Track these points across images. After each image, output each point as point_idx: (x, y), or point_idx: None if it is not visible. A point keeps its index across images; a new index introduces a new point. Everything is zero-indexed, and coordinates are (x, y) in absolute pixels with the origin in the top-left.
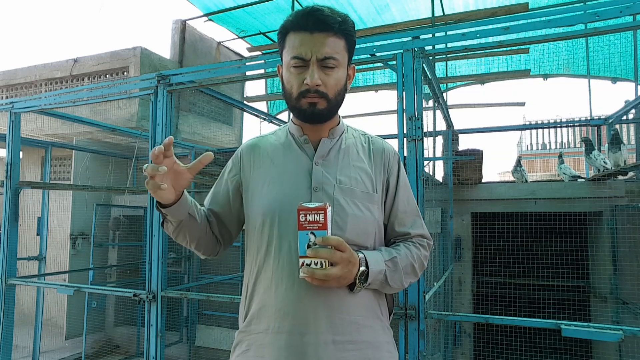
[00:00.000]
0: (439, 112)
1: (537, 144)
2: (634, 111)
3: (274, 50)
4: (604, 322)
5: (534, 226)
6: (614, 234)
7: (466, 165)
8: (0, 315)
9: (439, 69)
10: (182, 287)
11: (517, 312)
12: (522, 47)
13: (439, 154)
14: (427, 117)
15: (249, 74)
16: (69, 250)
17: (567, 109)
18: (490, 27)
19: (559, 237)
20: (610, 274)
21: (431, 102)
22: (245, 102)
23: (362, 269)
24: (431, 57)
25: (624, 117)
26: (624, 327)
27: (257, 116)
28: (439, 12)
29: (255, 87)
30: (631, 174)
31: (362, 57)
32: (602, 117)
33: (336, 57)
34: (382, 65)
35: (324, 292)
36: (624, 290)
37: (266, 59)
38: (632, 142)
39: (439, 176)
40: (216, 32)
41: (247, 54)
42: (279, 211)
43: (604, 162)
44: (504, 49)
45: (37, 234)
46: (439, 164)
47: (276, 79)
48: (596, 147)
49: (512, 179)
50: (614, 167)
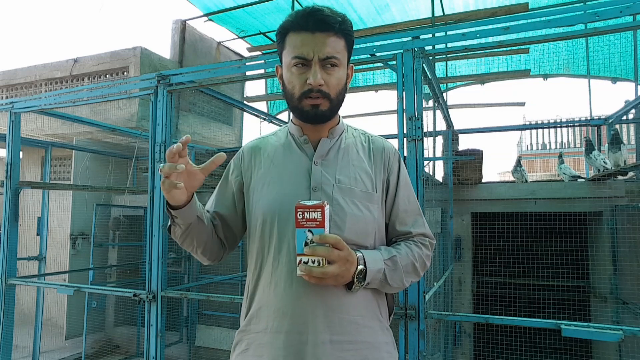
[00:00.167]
0: (439, 112)
1: (537, 144)
2: (634, 111)
3: (274, 50)
4: (604, 322)
5: (534, 226)
6: (614, 234)
7: (466, 165)
8: (0, 315)
9: (439, 69)
10: (182, 287)
11: (517, 312)
12: (522, 47)
13: (439, 154)
14: (427, 117)
15: (249, 74)
16: (69, 250)
17: (567, 109)
18: (490, 27)
19: (559, 237)
20: (610, 274)
21: (431, 102)
22: (245, 102)
23: (360, 267)
24: (431, 57)
25: (624, 117)
26: (624, 327)
27: (257, 116)
28: (439, 12)
29: (255, 87)
30: (631, 174)
31: (362, 57)
32: (602, 117)
33: (337, 57)
34: (382, 65)
35: (322, 292)
36: (624, 290)
37: (266, 59)
38: (632, 142)
39: (439, 176)
40: (216, 32)
41: (247, 54)
42: (278, 211)
43: (604, 162)
44: (504, 49)
45: (37, 234)
46: (439, 164)
47: (276, 79)
48: (596, 147)
49: (512, 179)
50: (614, 167)
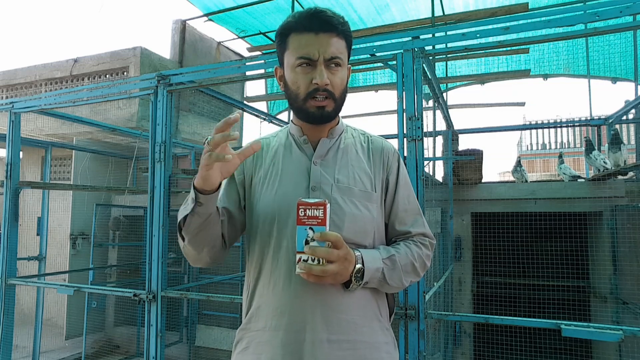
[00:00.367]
0: (439, 112)
1: (537, 144)
2: (634, 111)
3: (274, 50)
4: (604, 322)
5: (534, 226)
6: (614, 234)
7: (466, 165)
8: (0, 315)
9: (439, 69)
10: (182, 287)
11: (517, 312)
12: (522, 47)
13: (439, 154)
14: (427, 117)
15: (249, 74)
16: (69, 250)
17: (567, 109)
18: (490, 27)
19: (559, 237)
20: (610, 274)
21: (431, 102)
22: (245, 102)
23: (358, 266)
24: (431, 57)
25: (624, 117)
26: (624, 327)
27: (257, 116)
28: (439, 12)
29: (255, 87)
30: (631, 174)
31: (362, 57)
32: (602, 117)
33: (341, 57)
34: (382, 65)
35: (321, 291)
36: (624, 290)
37: (266, 59)
38: (632, 142)
39: (439, 176)
40: (216, 32)
41: (247, 54)
42: (277, 210)
43: (604, 162)
44: (504, 49)
45: (37, 234)
46: (439, 164)
47: (276, 79)
48: (596, 147)
49: (512, 179)
50: (614, 167)
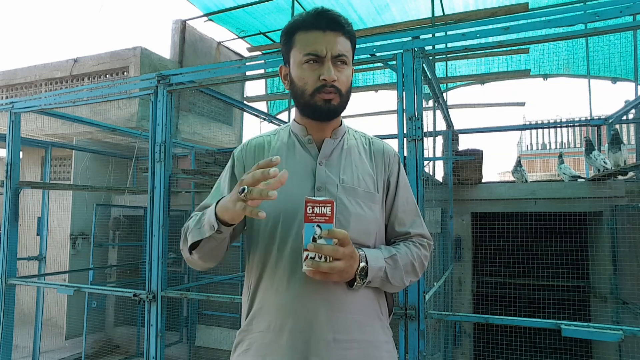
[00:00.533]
0: (439, 112)
1: (537, 144)
2: (634, 111)
3: (274, 50)
4: (604, 322)
5: (534, 226)
6: (614, 234)
7: (466, 165)
8: (0, 315)
9: (439, 69)
10: (182, 287)
11: (517, 312)
12: (522, 47)
13: (439, 154)
14: (427, 117)
15: (249, 74)
16: (69, 250)
17: (567, 109)
18: (490, 27)
19: (559, 237)
20: (610, 274)
21: (431, 102)
22: (245, 102)
23: (362, 264)
24: (431, 57)
25: (624, 117)
26: (624, 327)
27: (257, 116)
28: (439, 12)
29: (255, 87)
30: (631, 174)
31: (362, 57)
32: (602, 117)
33: (347, 55)
34: (382, 65)
35: (324, 291)
36: (624, 290)
37: (266, 59)
38: (632, 142)
39: (439, 176)
40: (216, 32)
41: (247, 54)
42: (282, 211)
43: (604, 162)
44: (504, 49)
45: (37, 234)
46: (439, 164)
47: (276, 79)
48: (596, 147)
49: (512, 179)
50: (614, 167)
